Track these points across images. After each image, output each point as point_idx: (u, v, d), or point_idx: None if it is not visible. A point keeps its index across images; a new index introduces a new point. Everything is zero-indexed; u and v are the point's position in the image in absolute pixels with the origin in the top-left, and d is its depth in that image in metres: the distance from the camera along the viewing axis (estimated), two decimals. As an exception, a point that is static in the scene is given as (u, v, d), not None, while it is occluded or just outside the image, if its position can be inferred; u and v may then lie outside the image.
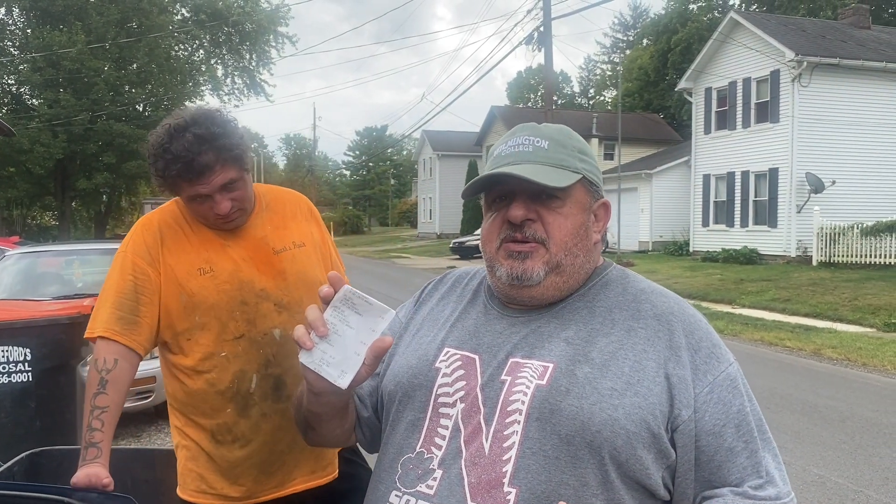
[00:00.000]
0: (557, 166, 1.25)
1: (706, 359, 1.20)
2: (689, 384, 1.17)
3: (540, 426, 1.14)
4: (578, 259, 1.27)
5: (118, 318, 1.88)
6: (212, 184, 1.86)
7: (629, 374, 1.16)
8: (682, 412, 1.16)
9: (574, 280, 1.27)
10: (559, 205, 1.25)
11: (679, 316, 1.24)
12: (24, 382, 3.83)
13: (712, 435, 1.17)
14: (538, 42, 21.72)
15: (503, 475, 1.13)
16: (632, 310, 1.25)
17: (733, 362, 1.23)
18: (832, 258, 18.47)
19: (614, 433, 1.12)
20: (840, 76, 20.28)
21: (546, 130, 1.30)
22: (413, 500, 1.18)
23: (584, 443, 1.12)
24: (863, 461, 5.25)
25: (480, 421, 1.18)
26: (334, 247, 2.28)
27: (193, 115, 1.88)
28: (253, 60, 34.47)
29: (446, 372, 1.26)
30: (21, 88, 31.41)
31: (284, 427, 1.96)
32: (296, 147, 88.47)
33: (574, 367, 1.18)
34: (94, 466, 1.69)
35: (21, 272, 7.30)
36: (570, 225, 1.25)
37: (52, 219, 40.21)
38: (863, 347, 9.56)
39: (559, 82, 62.78)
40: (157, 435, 6.02)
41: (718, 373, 1.20)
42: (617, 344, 1.20)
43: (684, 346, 1.20)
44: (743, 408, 1.19)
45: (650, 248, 27.77)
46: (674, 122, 42.83)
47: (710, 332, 1.25)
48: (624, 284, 1.31)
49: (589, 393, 1.15)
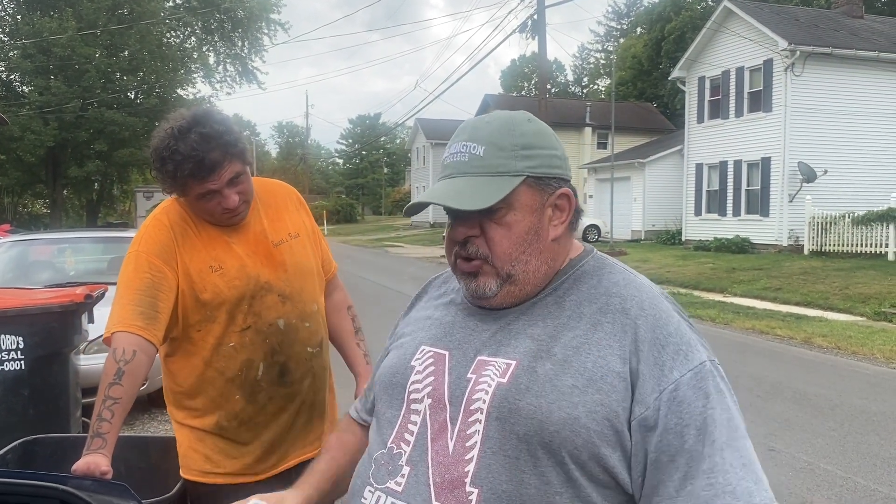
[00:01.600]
0: (493, 174, 1.18)
1: (672, 355, 1.13)
2: (650, 381, 1.11)
3: (500, 425, 1.12)
4: (530, 265, 1.21)
5: (139, 314, 1.90)
6: (221, 179, 1.94)
7: (591, 370, 1.12)
8: (641, 409, 1.10)
9: (531, 285, 1.23)
10: (503, 214, 1.19)
11: (649, 311, 1.17)
12: (17, 370, 3.83)
13: (673, 434, 1.09)
14: (532, 30, 21.69)
15: (465, 475, 1.12)
16: (601, 303, 1.19)
17: (705, 361, 1.14)
18: (824, 247, 18.57)
19: (574, 432, 1.09)
20: (833, 65, 20.32)
21: (484, 132, 1.22)
22: (384, 497, 1.18)
23: (542, 442, 1.10)
24: (852, 448, 5.30)
25: (446, 419, 1.18)
26: (327, 246, 2.38)
27: (195, 115, 1.95)
28: (245, 48, 34.34)
29: (419, 369, 1.26)
30: (11, 75, 31.21)
31: (287, 409, 2.08)
32: (288, 135, 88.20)
33: (535, 364, 1.15)
34: (96, 455, 1.71)
35: (13, 260, 7.27)
36: (514, 234, 1.20)
37: (43, 207, 40.05)
38: (853, 336, 9.63)
39: (553, 71, 62.65)
40: (151, 423, 6.03)
41: (685, 370, 1.12)
42: (581, 339, 1.16)
43: (650, 340, 1.14)
44: (707, 411, 1.10)
45: (643, 237, 27.85)
46: (667, 111, 42.87)
47: (681, 329, 1.17)
48: (599, 276, 1.25)
49: (548, 391, 1.11)
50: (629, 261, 20.02)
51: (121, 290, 1.96)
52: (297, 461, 2.14)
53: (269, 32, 34.12)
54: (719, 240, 21.68)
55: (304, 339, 2.10)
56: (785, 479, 4.68)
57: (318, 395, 2.16)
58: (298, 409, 2.10)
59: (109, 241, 8.29)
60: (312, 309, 2.14)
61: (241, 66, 34.55)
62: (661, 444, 1.09)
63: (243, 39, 34.06)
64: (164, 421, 5.99)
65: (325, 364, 2.18)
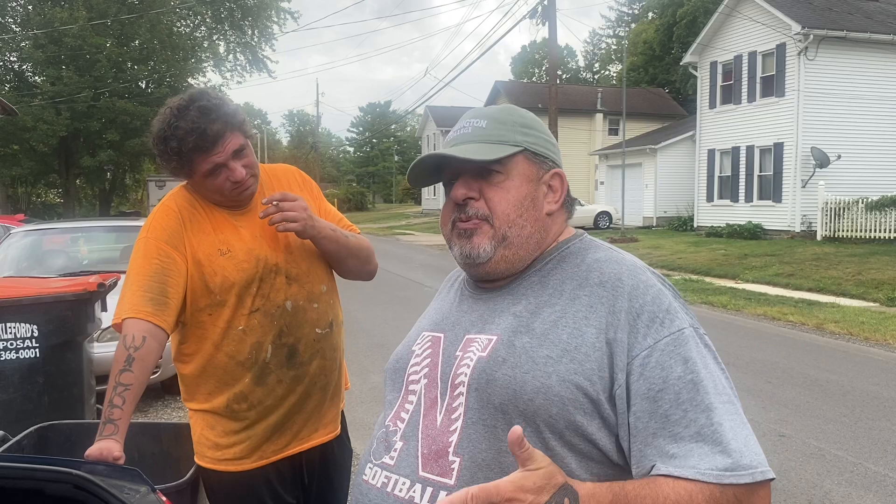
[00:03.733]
0: (494, 142, 1.27)
1: (648, 322, 1.15)
2: (625, 347, 1.13)
3: (478, 396, 1.17)
4: (525, 230, 1.27)
5: (149, 300, 1.92)
6: (226, 150, 1.97)
7: (567, 341, 1.16)
8: (619, 376, 1.13)
9: (525, 251, 1.28)
10: (501, 179, 1.27)
11: (627, 281, 1.20)
12: (32, 358, 3.88)
13: (647, 400, 1.11)
14: (542, 16, 21.56)
15: (449, 445, 1.17)
16: (580, 279, 1.24)
17: (686, 328, 1.15)
18: (837, 233, 18.44)
19: (548, 400, 1.12)
20: (847, 49, 20.10)
21: (488, 111, 1.33)
22: (379, 471, 1.25)
23: (518, 411, 1.13)
24: (863, 434, 5.29)
25: (437, 395, 1.23)
26: (332, 209, 2.33)
27: (191, 94, 2.00)
28: (255, 36, 34.30)
29: (418, 353, 1.32)
30: (23, 66, 31.34)
31: (296, 390, 2.09)
32: (299, 123, 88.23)
33: (514, 339, 1.20)
34: (108, 441, 1.74)
35: (27, 249, 7.34)
36: (512, 197, 1.27)
37: (56, 196, 40.30)
38: (866, 322, 9.58)
39: (563, 57, 62.27)
40: (164, 410, 6.09)
41: (661, 336, 1.13)
42: (560, 313, 1.20)
43: (626, 309, 1.16)
44: (688, 374, 1.11)
45: (654, 223, 27.73)
46: (679, 96, 42.56)
47: (659, 298, 1.18)
48: (583, 255, 1.29)
49: (524, 362, 1.16)
50: (641, 247, 19.97)
51: (130, 277, 1.98)
52: (314, 444, 2.16)
53: (279, 21, 34.08)
54: (731, 226, 21.56)
55: (313, 320, 2.11)
56: (795, 465, 4.68)
57: (329, 376, 2.17)
58: (308, 390, 2.12)
59: (122, 230, 8.35)
60: (320, 290, 2.14)
61: (251, 55, 34.54)
62: (637, 411, 1.11)
63: (253, 28, 34.02)
64: (176, 408, 6.05)
65: (335, 345, 2.19)
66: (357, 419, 5.30)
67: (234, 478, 2.07)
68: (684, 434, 1.08)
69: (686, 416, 1.09)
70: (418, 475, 1.18)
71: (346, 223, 2.30)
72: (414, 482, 1.18)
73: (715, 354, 1.17)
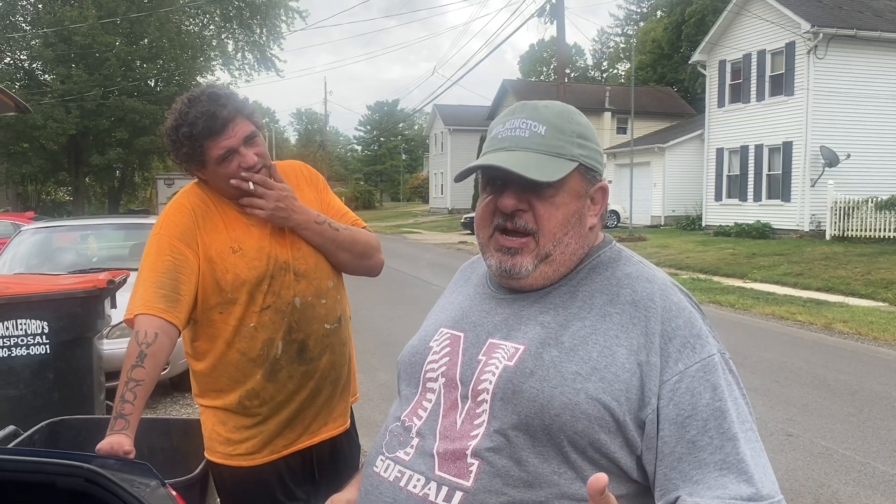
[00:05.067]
0: (553, 154, 1.23)
1: (680, 347, 1.15)
2: (657, 372, 1.14)
3: (503, 406, 1.17)
4: (570, 247, 1.25)
5: (161, 297, 1.93)
6: (236, 135, 1.99)
7: (596, 359, 1.15)
8: (651, 400, 1.13)
9: (565, 267, 1.27)
10: (552, 194, 1.23)
11: (659, 303, 1.19)
12: (43, 354, 3.90)
13: (675, 425, 1.12)
14: (550, 14, 21.54)
15: (467, 448, 1.17)
16: (611, 294, 1.22)
17: (715, 354, 1.16)
18: (846, 232, 18.35)
19: (574, 417, 1.12)
20: (856, 48, 20.00)
21: (545, 113, 1.26)
22: (392, 465, 1.25)
23: (542, 425, 1.13)
24: (870, 434, 5.27)
25: (458, 397, 1.22)
26: (336, 203, 2.32)
27: (200, 87, 2.06)
28: (263, 35, 34.32)
29: (436, 349, 1.31)
30: (33, 64, 31.45)
31: (306, 386, 2.11)
32: (307, 122, 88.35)
33: (542, 350, 1.18)
34: (119, 436, 1.75)
35: (37, 247, 7.38)
36: (561, 215, 1.24)
37: (66, 194, 40.44)
38: (874, 322, 9.54)
39: (572, 55, 62.18)
40: (173, 406, 6.12)
41: (692, 362, 1.14)
42: (590, 329, 1.19)
43: (658, 333, 1.16)
44: (715, 402, 1.12)
45: (662, 222, 27.67)
46: (687, 95, 42.41)
47: (691, 322, 1.18)
48: (613, 268, 1.27)
49: (552, 376, 1.15)
50: (649, 246, 19.92)
51: (143, 273, 1.99)
52: (323, 438, 2.18)
53: (287, 20, 34.10)
54: (740, 225, 21.50)
55: (322, 316, 2.12)
56: (803, 464, 4.67)
57: (339, 370, 2.18)
58: (318, 385, 2.13)
59: (131, 227, 8.40)
60: (328, 286, 2.15)
61: (259, 54, 34.56)
62: (665, 435, 1.12)
63: (262, 27, 34.05)
64: (186, 405, 6.08)
65: (344, 339, 2.20)
66: (365, 416, 5.32)
67: (245, 472, 2.09)
68: (710, 461, 1.10)
69: (712, 444, 1.11)
70: (434, 473, 1.18)
71: (350, 217, 2.30)
72: (429, 480, 1.18)
73: (738, 380, 1.19)
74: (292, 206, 2.07)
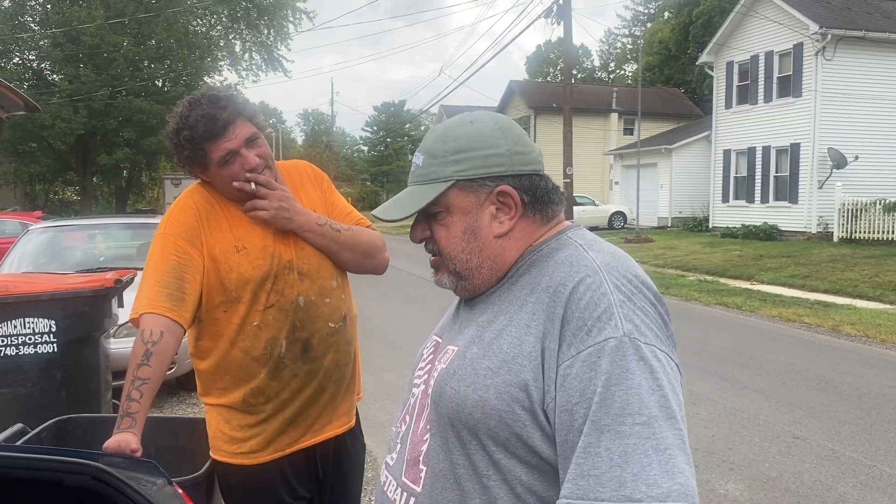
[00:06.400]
0: (426, 182, 1.25)
1: (575, 331, 1.08)
2: (554, 357, 1.08)
3: (435, 408, 1.21)
4: (472, 262, 1.25)
5: (167, 296, 1.94)
6: (237, 137, 2.00)
7: (507, 351, 1.13)
8: (551, 388, 1.08)
9: (479, 279, 1.26)
10: (443, 216, 1.25)
11: (570, 285, 1.12)
12: (50, 353, 3.92)
13: (565, 412, 1.05)
14: (557, 15, 21.51)
15: (421, 454, 1.22)
16: (533, 284, 1.19)
17: (614, 338, 1.05)
18: (853, 234, 18.28)
19: (486, 414, 1.11)
20: (865, 49, 19.91)
21: (426, 142, 1.28)
22: (384, 469, 1.34)
23: (462, 424, 1.15)
24: (878, 436, 5.25)
25: (426, 402, 1.26)
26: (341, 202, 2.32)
27: (201, 90, 2.07)
28: (271, 36, 34.41)
29: (424, 357, 1.36)
30: (42, 64, 31.61)
31: (310, 384, 2.12)
32: (314, 122, 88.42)
33: (467, 349, 1.20)
34: (126, 434, 1.76)
35: (44, 246, 7.42)
36: (452, 234, 1.25)
37: (73, 194, 40.59)
38: (882, 324, 9.49)
39: (579, 56, 62.06)
40: (179, 406, 6.14)
41: (584, 346, 1.06)
42: (507, 321, 1.17)
43: (559, 317, 1.10)
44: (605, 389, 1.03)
45: (669, 224, 27.60)
46: (695, 96, 42.32)
47: (594, 304, 1.09)
48: (550, 258, 1.21)
49: (468, 374, 1.16)
50: (655, 248, 19.87)
51: (148, 273, 2.00)
52: (327, 436, 2.18)
53: (295, 20, 34.18)
54: (747, 227, 21.43)
55: (325, 314, 2.12)
56: (809, 467, 4.66)
57: (343, 369, 2.19)
58: (322, 383, 2.13)
59: (138, 227, 8.43)
60: (331, 285, 2.15)
61: (266, 55, 34.66)
62: (558, 423, 1.07)
63: (269, 27, 34.14)
64: (191, 404, 6.10)
65: (348, 338, 2.20)
66: (370, 416, 5.32)
67: (249, 471, 2.10)
68: (571, 453, 1.04)
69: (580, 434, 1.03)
70: (401, 479, 1.25)
71: (355, 217, 2.30)
72: (398, 486, 1.25)
73: (652, 368, 1.05)
74: (294, 207, 2.08)
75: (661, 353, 1.08)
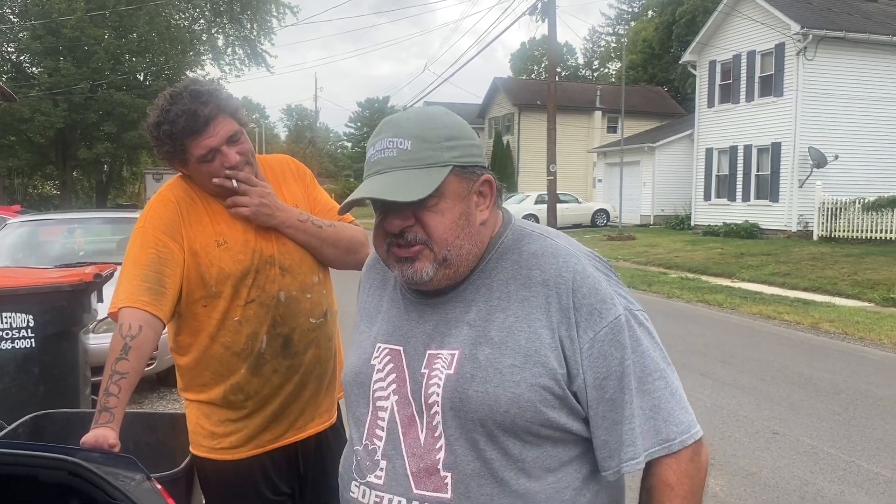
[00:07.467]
0: (423, 167, 1.21)
1: (587, 316, 1.21)
2: (577, 344, 1.20)
3: (454, 414, 1.21)
4: (464, 248, 1.25)
5: (146, 289, 1.92)
6: (218, 135, 1.97)
7: (526, 346, 1.20)
8: (578, 372, 1.21)
9: (465, 266, 1.27)
10: (434, 203, 1.22)
11: (567, 276, 1.23)
12: (28, 348, 3.88)
13: (595, 389, 1.21)
14: (542, 13, 21.55)
15: (437, 462, 1.22)
16: (524, 278, 1.25)
17: (620, 314, 1.22)
18: (833, 233, 18.46)
19: (521, 408, 1.18)
20: (846, 50, 20.10)
21: (408, 126, 1.24)
22: (368, 491, 1.28)
23: (496, 423, 1.19)
24: (856, 432, 5.31)
25: (413, 413, 1.25)
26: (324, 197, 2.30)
27: (184, 83, 2.03)
28: (254, 30, 34.23)
29: (379, 367, 1.32)
30: (21, 56, 31.24)
31: (291, 380, 2.10)
32: (297, 118, 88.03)
33: (476, 351, 1.22)
34: (104, 429, 1.73)
35: (23, 240, 7.33)
36: (448, 221, 1.23)
37: (53, 188, 40.20)
38: (860, 321, 9.61)
39: (563, 54, 62.16)
40: (159, 402, 6.10)
41: (599, 328, 1.21)
42: (513, 318, 1.23)
43: (571, 307, 1.21)
44: (626, 360, 1.21)
45: (651, 221, 27.75)
46: (678, 95, 42.55)
47: (595, 288, 1.23)
48: (518, 249, 1.28)
49: (492, 375, 1.19)
50: (637, 245, 19.98)
51: (127, 266, 1.97)
52: (310, 433, 2.17)
53: (278, 15, 34.01)
54: (728, 225, 21.59)
55: (307, 310, 2.10)
56: (788, 462, 4.70)
57: (324, 365, 2.17)
58: (304, 379, 2.12)
59: (118, 221, 8.34)
60: (313, 280, 2.14)
61: (249, 49, 34.47)
62: (591, 398, 1.22)
63: (252, 22, 33.96)
64: (172, 400, 6.06)
65: (329, 334, 2.19)
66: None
67: (228, 466, 2.08)
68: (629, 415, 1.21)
69: (623, 399, 1.21)
70: (413, 493, 1.22)
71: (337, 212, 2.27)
72: (410, 500, 1.22)
73: (649, 330, 1.26)
74: (276, 203, 2.06)
75: (642, 311, 1.27)
